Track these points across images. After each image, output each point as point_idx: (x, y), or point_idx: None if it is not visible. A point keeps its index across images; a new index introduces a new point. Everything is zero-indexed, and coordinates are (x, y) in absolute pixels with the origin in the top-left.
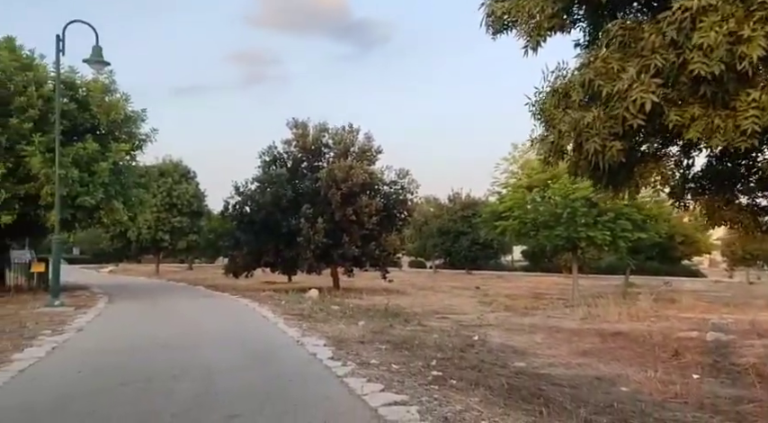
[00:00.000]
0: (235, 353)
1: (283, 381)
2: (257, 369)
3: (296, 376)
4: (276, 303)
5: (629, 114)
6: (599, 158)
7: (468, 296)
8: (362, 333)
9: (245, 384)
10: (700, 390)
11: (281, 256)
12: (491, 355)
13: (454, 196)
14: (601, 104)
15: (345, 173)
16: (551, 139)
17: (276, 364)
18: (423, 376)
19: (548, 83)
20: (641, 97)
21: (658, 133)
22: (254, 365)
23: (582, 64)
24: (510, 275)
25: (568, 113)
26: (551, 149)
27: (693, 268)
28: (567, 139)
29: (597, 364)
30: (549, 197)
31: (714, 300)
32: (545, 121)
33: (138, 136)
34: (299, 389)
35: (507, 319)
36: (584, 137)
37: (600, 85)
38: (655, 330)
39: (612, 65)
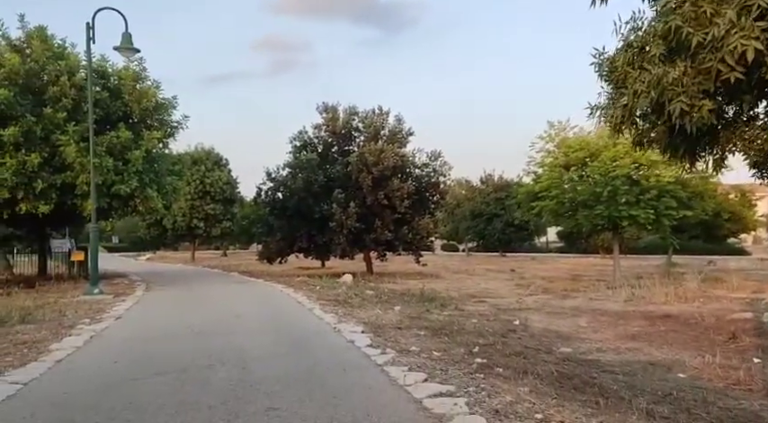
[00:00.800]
0: (270, 340)
1: (321, 369)
2: (294, 357)
3: (334, 365)
4: (311, 289)
5: (724, 67)
6: (685, 121)
7: (504, 279)
8: (399, 318)
9: (282, 373)
10: (764, 375)
11: (313, 241)
12: (534, 340)
13: (486, 178)
14: (687, 57)
15: (376, 156)
16: (624, 102)
17: (313, 352)
18: (466, 364)
19: (620, 37)
20: (741, 45)
21: (755, 89)
22: (290, 353)
23: (664, 10)
24: (545, 257)
25: (647, 70)
26: (623, 114)
27: (737, 246)
28: (644, 101)
29: (648, 349)
30: (587, 176)
31: (763, 278)
32: (615, 81)
33: (170, 123)
34: (338, 378)
35: (547, 303)
36: (667, 96)
37: (688, 34)
38: (705, 312)
39: (705, 8)
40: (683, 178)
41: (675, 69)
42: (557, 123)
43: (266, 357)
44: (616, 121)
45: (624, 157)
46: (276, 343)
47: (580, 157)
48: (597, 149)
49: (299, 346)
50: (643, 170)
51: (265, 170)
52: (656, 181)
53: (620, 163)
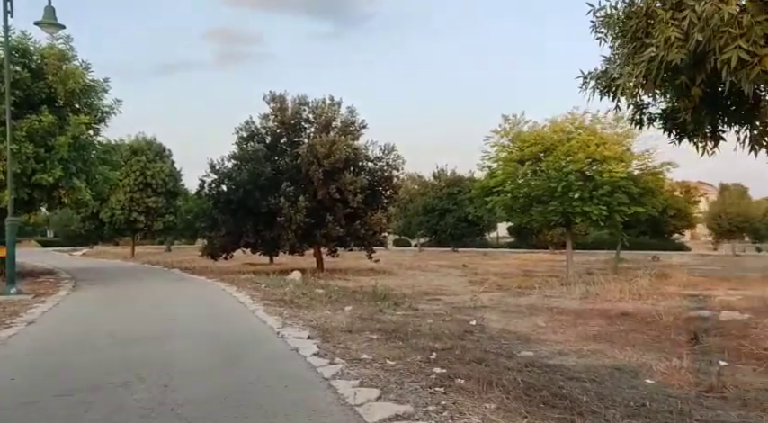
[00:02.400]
0: (204, 348)
1: (259, 386)
2: (228, 370)
3: (275, 379)
4: (255, 287)
5: None
6: (740, 78)
7: (457, 275)
8: (350, 320)
9: (211, 392)
10: (734, 381)
11: (261, 236)
12: (493, 342)
13: (439, 173)
14: None
15: (327, 148)
16: (650, 54)
17: (251, 364)
18: (424, 375)
19: None
20: None
21: None
22: (224, 365)
23: None
24: (496, 253)
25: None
26: (648, 72)
27: (678, 242)
28: (679, 52)
29: (611, 351)
30: (541, 170)
31: (706, 273)
32: (633, 32)
33: (101, 108)
34: (277, 397)
35: (502, 300)
36: (717, 42)
37: None
38: (662, 310)
39: None
40: (633, 174)
41: (731, 3)
42: (511, 117)
43: (196, 371)
44: (636, 81)
45: (578, 152)
46: (209, 352)
47: (534, 151)
48: (552, 144)
49: (236, 356)
50: (596, 166)
51: (209, 162)
52: (608, 177)
53: (573, 158)
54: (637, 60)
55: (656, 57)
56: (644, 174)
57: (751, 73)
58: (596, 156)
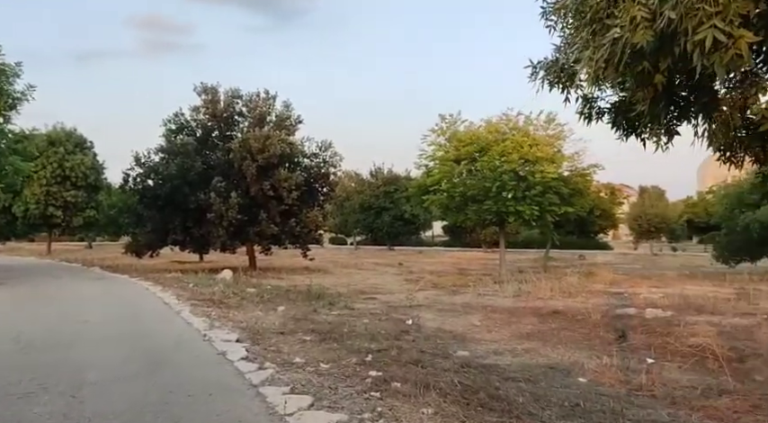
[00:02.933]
0: (121, 354)
1: (180, 396)
2: (146, 378)
3: (198, 388)
4: (182, 286)
5: None
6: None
7: (393, 273)
8: (283, 321)
9: (125, 404)
10: (662, 378)
11: (189, 233)
12: (429, 342)
13: (376, 171)
14: None
15: (261, 143)
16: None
17: (173, 371)
18: (359, 378)
19: None
20: None
21: None
22: (143, 372)
23: None
24: (431, 251)
25: None
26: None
27: (602, 241)
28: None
29: (544, 349)
30: (477, 170)
31: (628, 272)
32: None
33: (11, 94)
34: (200, 409)
35: (438, 299)
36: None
37: None
38: (590, 307)
39: None
40: (564, 175)
41: None
42: (448, 117)
43: (109, 380)
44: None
45: (512, 153)
46: (127, 358)
47: (470, 151)
48: (487, 144)
49: (156, 363)
50: (529, 166)
51: (133, 154)
52: (541, 177)
53: (508, 158)
54: (598, 43)
55: (621, 38)
56: (573, 175)
57: (725, 56)
58: (529, 156)
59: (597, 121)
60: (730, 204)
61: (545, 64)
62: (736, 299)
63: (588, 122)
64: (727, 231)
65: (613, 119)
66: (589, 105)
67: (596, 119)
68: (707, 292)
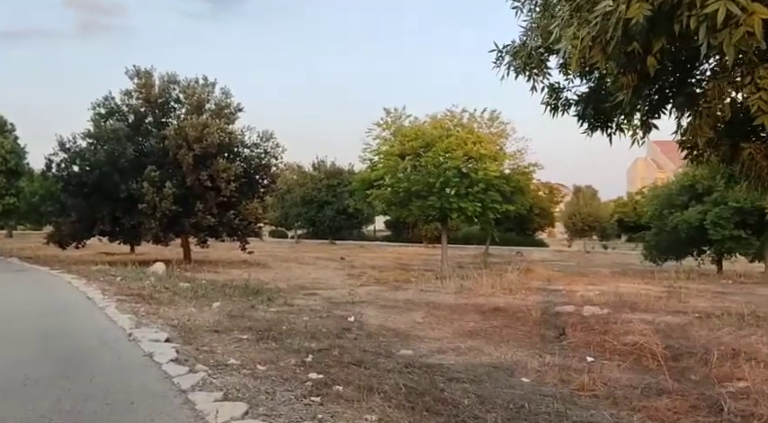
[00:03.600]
0: (32, 355)
1: (97, 405)
2: (60, 384)
3: (119, 394)
4: (109, 280)
5: None
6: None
7: (335, 268)
8: (218, 318)
9: (33, 413)
10: (603, 378)
11: (119, 224)
12: (372, 340)
13: (319, 164)
14: None
15: (199, 132)
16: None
17: (92, 375)
18: (299, 382)
19: None
20: None
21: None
22: (56, 377)
23: None
24: (373, 246)
25: None
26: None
27: (538, 239)
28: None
29: (487, 348)
30: (421, 166)
31: (563, 269)
32: None
33: None
34: (119, 419)
35: (380, 295)
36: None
37: None
38: (530, 305)
39: None
40: (506, 173)
41: None
42: (393, 111)
43: (17, 384)
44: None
45: (456, 149)
46: (40, 359)
47: (415, 146)
48: (432, 140)
49: (73, 365)
50: (473, 163)
51: (57, 139)
52: (483, 175)
53: (452, 155)
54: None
55: (613, 12)
56: (515, 173)
57: (735, 34)
58: (473, 153)
59: (563, 113)
60: (660, 205)
61: (512, 48)
62: (667, 297)
63: (555, 114)
64: (657, 231)
65: (582, 111)
66: (556, 95)
67: (563, 110)
68: (639, 290)
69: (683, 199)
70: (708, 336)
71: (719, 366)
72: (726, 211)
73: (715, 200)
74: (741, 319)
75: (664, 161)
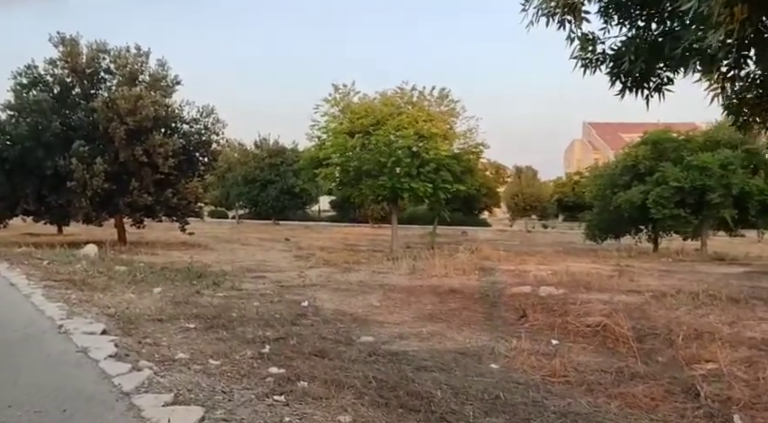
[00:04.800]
0: None
1: (21, 413)
2: None
3: (48, 400)
4: (35, 264)
5: None
6: None
7: (281, 249)
8: (160, 305)
9: None
10: (571, 361)
11: (45, 203)
12: (330, 327)
13: (261, 142)
14: None
15: (132, 104)
16: None
17: (14, 375)
18: (258, 378)
19: None
20: None
21: None
22: None
23: None
24: (318, 226)
25: None
26: None
27: (481, 219)
28: None
29: (449, 332)
30: (372, 144)
31: (509, 248)
32: None
33: None
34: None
35: (331, 277)
36: None
37: None
38: (485, 286)
39: None
40: (456, 153)
41: None
42: (342, 87)
43: None
44: None
45: (408, 128)
46: None
47: (365, 124)
48: (382, 117)
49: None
50: (423, 142)
51: None
52: (434, 154)
53: (403, 133)
54: None
55: None
56: (465, 152)
57: None
58: (424, 132)
59: (595, 71)
60: (603, 185)
61: None
62: (618, 276)
63: (586, 71)
64: (599, 211)
65: (616, 68)
66: (592, 47)
67: (594, 67)
68: (590, 269)
69: (626, 179)
70: (667, 316)
71: (685, 347)
72: (666, 191)
73: (657, 180)
74: (695, 297)
75: (599, 143)
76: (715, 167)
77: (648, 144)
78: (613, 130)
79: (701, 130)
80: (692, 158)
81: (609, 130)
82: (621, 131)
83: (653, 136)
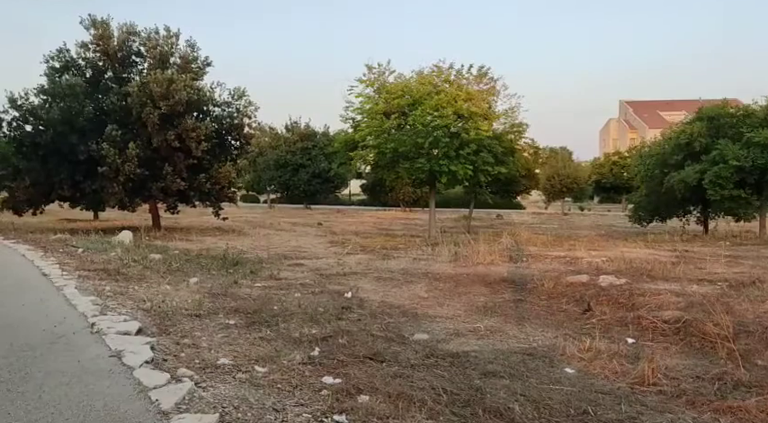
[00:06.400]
0: None
1: None
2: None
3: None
4: (70, 252)
5: None
6: None
7: (315, 235)
8: (198, 297)
9: None
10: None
11: (79, 188)
12: (378, 322)
13: (292, 126)
14: None
15: (164, 88)
16: None
17: (40, 388)
18: (312, 391)
19: None
20: None
21: None
22: None
23: None
24: (349, 210)
25: None
26: None
27: (515, 201)
28: None
29: (509, 328)
30: (409, 125)
31: (548, 231)
32: None
33: None
34: None
35: (371, 264)
36: None
37: None
38: (537, 274)
39: None
40: (497, 133)
41: None
42: (376, 66)
43: None
44: None
45: (446, 107)
46: None
47: (401, 104)
48: (420, 97)
49: (17, 373)
50: (462, 122)
51: (8, 95)
52: (475, 135)
53: (441, 113)
54: None
55: None
56: (506, 133)
57: None
58: (463, 112)
59: None
60: (652, 165)
61: None
62: (680, 263)
63: None
64: (648, 192)
65: None
66: None
67: None
68: (647, 256)
69: (678, 158)
70: (754, 310)
71: None
72: (726, 170)
73: (714, 158)
74: None
75: (636, 122)
76: None
77: (704, 120)
78: (651, 107)
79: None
80: (752, 135)
81: (647, 108)
82: (660, 109)
83: (709, 111)
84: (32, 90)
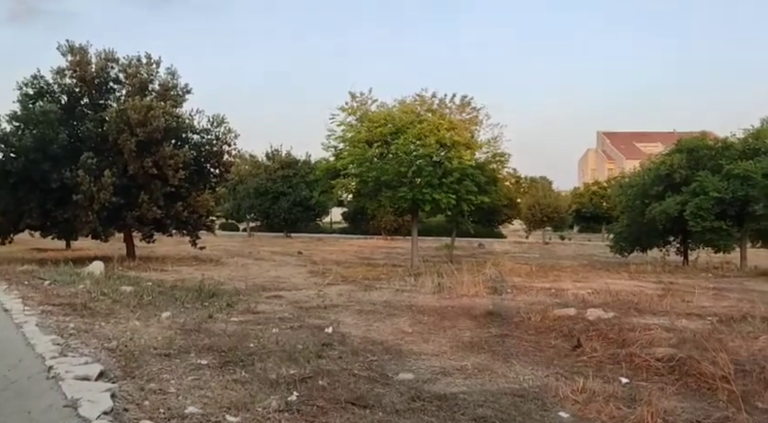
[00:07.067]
0: None
1: None
2: None
3: None
4: (36, 284)
5: None
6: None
7: (295, 264)
8: (169, 334)
9: None
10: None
11: (51, 217)
12: (360, 360)
13: (273, 154)
14: None
15: (142, 115)
16: None
17: None
18: None
19: None
20: None
21: None
22: None
23: None
24: (330, 238)
25: None
26: None
27: (496, 230)
28: None
29: (497, 366)
30: (391, 153)
31: (530, 261)
32: None
33: None
34: None
35: (352, 296)
36: None
37: None
38: (523, 307)
39: None
40: (480, 162)
41: None
42: (359, 95)
43: None
44: None
45: (429, 136)
46: None
47: (384, 132)
48: (402, 125)
49: None
50: (445, 151)
51: None
52: (458, 164)
53: (424, 141)
54: None
55: None
56: (489, 162)
57: None
58: (446, 141)
59: None
60: (634, 195)
61: None
62: (666, 295)
63: None
64: (629, 222)
65: None
66: None
67: None
68: (632, 288)
69: (658, 189)
70: (748, 347)
71: None
72: (706, 202)
73: (694, 190)
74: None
75: (613, 152)
76: (758, 176)
77: (684, 152)
78: (628, 139)
79: (737, 137)
80: (732, 167)
81: (623, 140)
82: (636, 141)
83: (688, 143)
84: (4, 117)
